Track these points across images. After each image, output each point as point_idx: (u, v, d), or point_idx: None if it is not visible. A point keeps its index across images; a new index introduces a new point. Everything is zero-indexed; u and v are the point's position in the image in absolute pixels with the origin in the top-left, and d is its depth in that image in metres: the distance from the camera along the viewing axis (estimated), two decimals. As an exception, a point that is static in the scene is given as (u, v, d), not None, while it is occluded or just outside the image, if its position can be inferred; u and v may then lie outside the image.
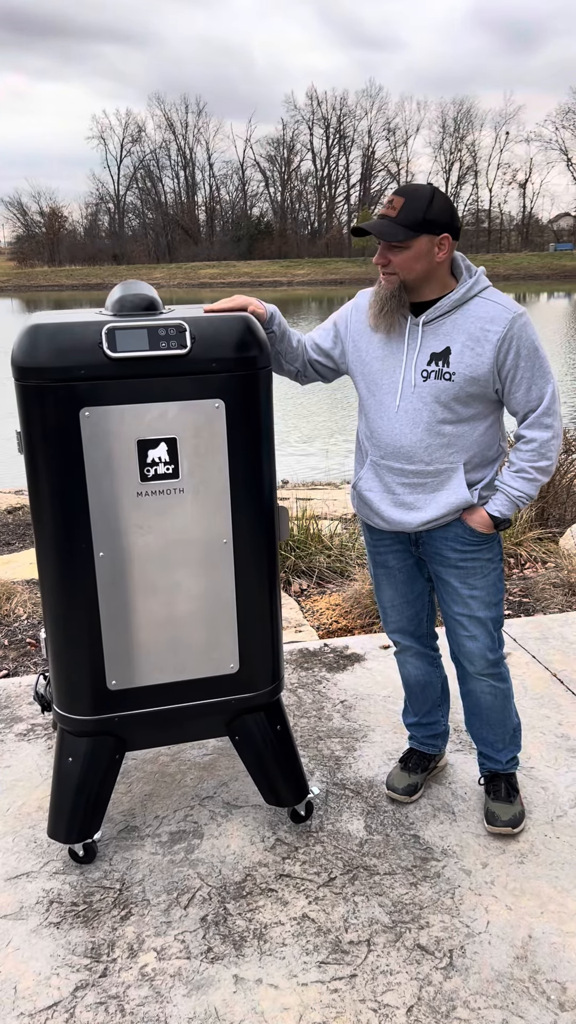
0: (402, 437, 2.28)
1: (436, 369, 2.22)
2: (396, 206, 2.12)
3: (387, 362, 2.30)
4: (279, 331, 2.38)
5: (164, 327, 2.10)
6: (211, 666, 2.34)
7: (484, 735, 2.57)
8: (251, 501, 2.27)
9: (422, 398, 2.24)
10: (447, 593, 2.44)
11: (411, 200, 2.12)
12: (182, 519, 2.22)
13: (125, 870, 2.40)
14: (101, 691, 2.29)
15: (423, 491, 2.32)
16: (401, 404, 2.27)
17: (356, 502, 2.49)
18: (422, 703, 2.71)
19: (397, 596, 2.56)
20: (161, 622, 2.28)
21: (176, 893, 2.31)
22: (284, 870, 2.39)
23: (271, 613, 2.37)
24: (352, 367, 2.40)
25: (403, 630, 2.61)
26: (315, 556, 4.74)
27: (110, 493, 2.16)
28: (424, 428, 2.26)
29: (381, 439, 2.32)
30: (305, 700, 3.29)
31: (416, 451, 2.28)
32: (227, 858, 2.44)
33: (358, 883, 2.34)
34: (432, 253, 2.16)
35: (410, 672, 2.68)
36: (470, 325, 2.20)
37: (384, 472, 2.35)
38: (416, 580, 2.53)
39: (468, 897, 2.28)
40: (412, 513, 2.34)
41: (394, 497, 2.36)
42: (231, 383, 2.17)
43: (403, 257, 2.15)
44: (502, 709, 2.52)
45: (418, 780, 2.69)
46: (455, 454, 2.28)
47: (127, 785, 2.78)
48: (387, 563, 2.52)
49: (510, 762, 2.59)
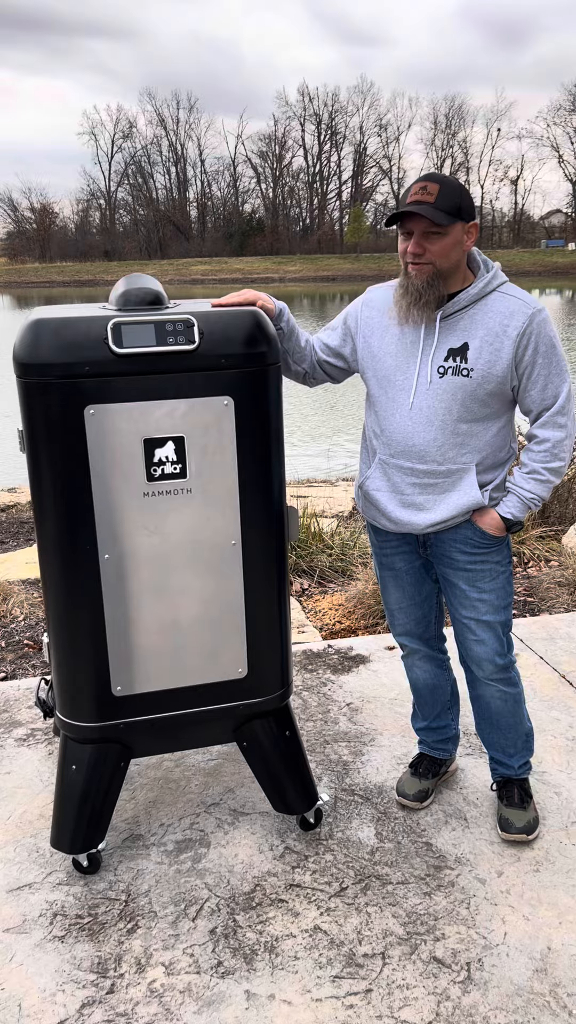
0: (415, 435, 2.21)
1: (454, 365, 2.16)
2: (433, 192, 2.04)
3: (401, 358, 2.23)
4: (287, 328, 2.32)
5: (172, 322, 2.03)
6: (219, 671, 2.28)
7: (495, 740, 2.51)
8: (260, 501, 2.20)
9: (438, 395, 2.18)
10: (455, 597, 2.38)
11: (446, 186, 2.06)
12: (190, 520, 2.15)
13: (130, 881, 2.34)
14: (106, 697, 2.22)
15: (433, 492, 2.26)
16: (416, 401, 2.20)
17: (361, 502, 2.41)
18: (431, 707, 2.64)
19: (404, 598, 2.49)
20: (168, 626, 2.21)
21: (184, 904, 2.25)
22: (294, 880, 2.33)
23: (280, 616, 2.31)
24: (363, 363, 2.33)
25: (410, 633, 2.55)
26: (317, 555, 4.68)
27: (115, 493, 2.09)
28: (439, 427, 2.19)
29: (392, 437, 2.26)
30: (310, 703, 3.23)
31: (429, 450, 2.21)
32: (235, 867, 2.38)
33: (370, 893, 2.28)
34: (463, 242, 2.11)
35: (418, 676, 2.62)
36: (489, 320, 2.14)
37: (393, 471, 2.29)
38: (424, 582, 2.47)
39: (484, 907, 2.22)
40: (421, 514, 2.28)
41: (403, 497, 2.29)
42: (240, 380, 2.10)
43: (441, 244, 2.08)
44: (513, 714, 2.46)
45: (429, 786, 2.63)
46: (468, 454, 2.22)
47: (131, 792, 2.71)
48: (394, 565, 2.46)
49: (523, 767, 2.53)
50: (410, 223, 2.09)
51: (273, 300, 2.26)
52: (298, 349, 2.37)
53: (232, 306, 2.16)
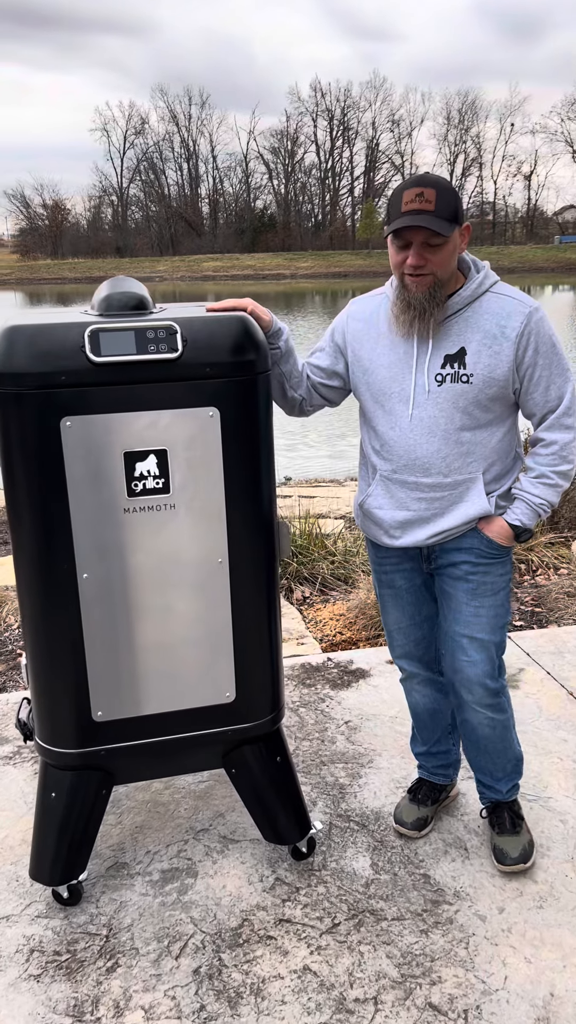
0: (417, 447, 2.11)
1: (452, 372, 2.05)
2: (431, 198, 1.92)
3: (396, 368, 2.12)
4: (285, 349, 2.20)
5: (153, 328, 1.92)
6: (205, 695, 2.17)
7: (482, 764, 2.39)
8: (249, 517, 2.09)
9: (438, 404, 2.07)
10: (451, 610, 2.25)
11: (442, 190, 1.93)
12: (173, 537, 2.04)
13: (113, 913, 2.23)
14: (86, 722, 2.11)
15: (440, 504, 2.15)
16: (415, 412, 2.09)
17: (362, 521, 2.30)
18: (431, 732, 2.52)
19: (404, 618, 2.37)
20: (151, 648, 2.10)
21: (167, 941, 2.14)
22: (284, 914, 2.21)
23: (270, 638, 2.19)
24: (355, 378, 2.22)
25: (410, 655, 2.42)
26: (318, 562, 4.56)
27: (94, 509, 1.97)
28: (441, 437, 2.09)
29: (393, 451, 2.14)
30: (307, 721, 3.11)
31: (433, 462, 2.11)
32: (223, 900, 2.26)
33: (364, 930, 2.16)
34: (459, 247, 2.02)
35: (417, 700, 2.49)
36: (485, 323, 2.04)
37: (397, 487, 2.17)
38: (424, 601, 2.35)
39: (483, 947, 2.10)
40: (425, 528, 2.17)
41: (407, 513, 2.18)
42: (226, 390, 1.98)
43: (443, 253, 1.98)
44: (502, 739, 2.33)
45: (428, 813, 2.50)
46: (474, 463, 2.11)
47: (117, 816, 2.60)
48: (393, 583, 2.34)
49: (511, 790, 2.42)
50: (407, 234, 1.97)
51: (271, 315, 2.16)
52: (295, 373, 2.25)
53: (222, 312, 2.04)
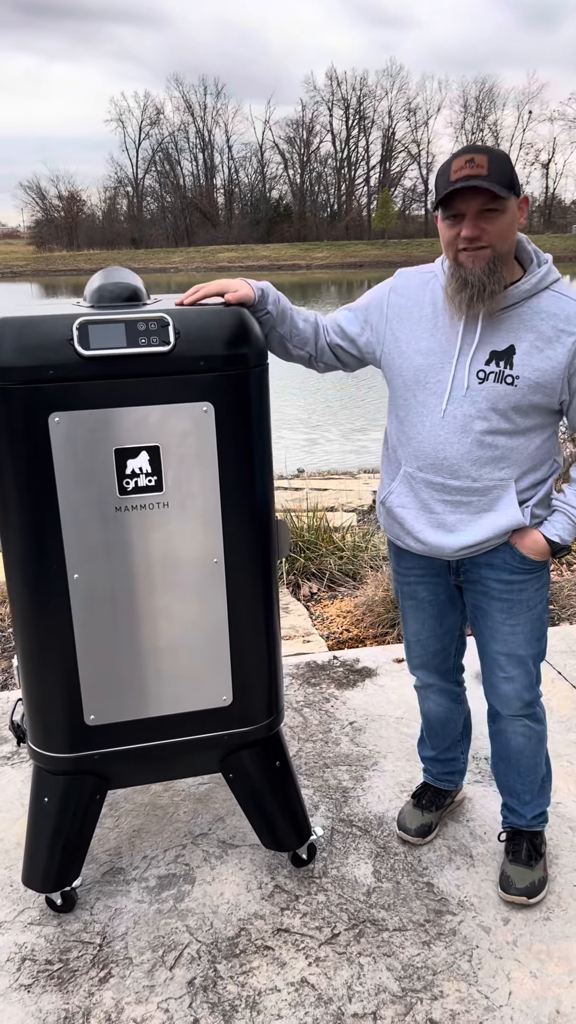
0: (446, 447, 1.94)
1: (496, 371, 1.88)
2: (482, 164, 1.73)
3: (434, 357, 1.94)
4: (276, 311, 2.04)
5: (144, 321, 1.85)
6: (201, 699, 2.10)
7: (511, 784, 2.27)
8: (245, 516, 2.02)
9: (475, 403, 1.90)
10: (486, 627, 2.12)
11: (495, 157, 1.75)
12: (167, 537, 1.98)
13: (107, 921, 2.18)
14: (78, 726, 2.05)
15: (467, 511, 1.98)
16: (449, 409, 1.92)
17: (385, 519, 2.15)
18: (441, 739, 2.43)
19: (424, 631, 2.24)
20: (144, 651, 2.04)
21: (162, 950, 2.08)
22: (283, 923, 2.15)
23: (268, 640, 2.12)
24: (387, 359, 2.03)
25: (427, 666, 2.31)
26: (326, 557, 4.48)
27: (84, 508, 1.91)
28: (474, 439, 1.92)
29: (420, 448, 1.99)
30: (311, 721, 3.05)
31: (462, 465, 1.94)
32: (220, 908, 2.21)
33: (364, 941, 2.10)
34: (517, 220, 1.83)
35: (431, 708, 2.39)
36: (540, 322, 1.87)
37: (421, 487, 2.01)
38: (447, 614, 2.21)
39: (488, 961, 2.03)
40: (451, 536, 2.01)
41: (432, 516, 2.02)
42: (221, 384, 1.91)
43: (501, 223, 1.79)
44: (534, 753, 2.22)
45: (432, 819, 2.42)
46: (506, 469, 1.94)
47: (115, 819, 2.55)
48: (416, 594, 2.20)
49: (536, 818, 2.29)
50: (460, 203, 1.77)
51: (251, 283, 2.00)
52: (296, 332, 2.09)
53: (204, 300, 1.97)
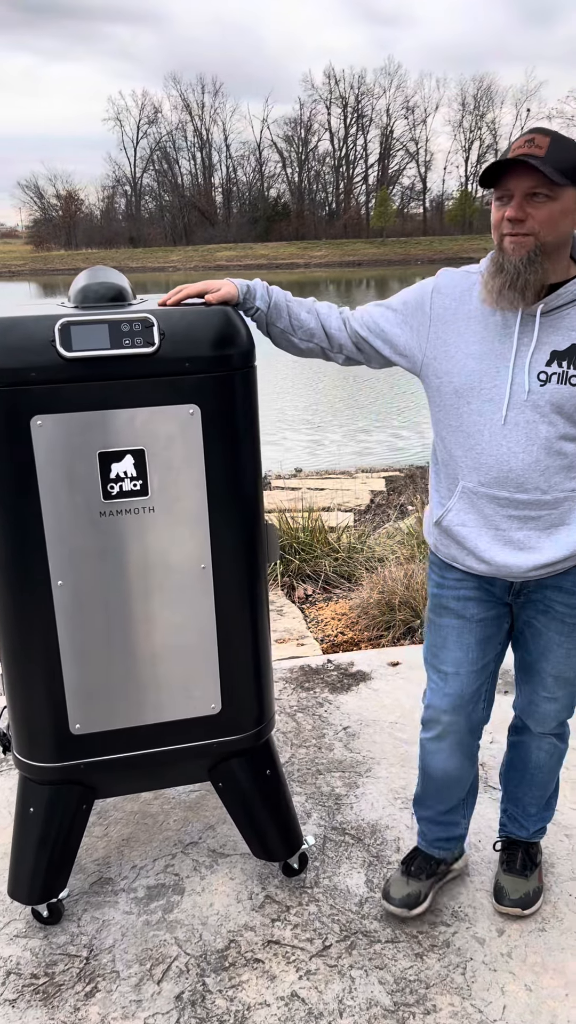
0: (512, 458, 1.77)
1: (560, 371, 1.73)
2: (541, 145, 1.60)
3: (488, 360, 1.78)
4: (268, 307, 1.94)
5: (127, 321, 1.81)
6: (189, 707, 2.06)
7: (519, 795, 2.19)
8: (233, 520, 1.98)
9: (538, 408, 1.75)
10: (536, 646, 1.96)
11: (559, 140, 1.62)
12: (153, 542, 1.93)
13: (95, 933, 2.14)
14: (64, 735, 2.01)
15: (536, 526, 1.82)
16: (510, 416, 1.76)
17: (440, 540, 1.94)
18: (443, 801, 2.14)
19: (465, 660, 1.97)
20: (131, 659, 1.99)
21: (150, 963, 2.04)
22: (273, 935, 2.11)
23: (256, 646, 2.08)
24: (433, 364, 1.85)
25: (458, 708, 2.00)
26: (321, 559, 4.44)
27: (68, 513, 1.87)
28: (541, 446, 1.76)
29: (482, 460, 1.81)
30: (304, 726, 3.01)
31: (530, 476, 1.78)
32: (209, 919, 2.17)
33: (356, 953, 2.06)
34: (574, 214, 1.68)
35: (438, 765, 2.09)
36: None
37: (485, 503, 1.83)
38: (493, 639, 1.98)
39: (482, 973, 1.99)
40: (522, 554, 1.83)
41: (498, 533, 1.84)
42: (207, 386, 1.87)
43: (549, 210, 1.63)
44: (551, 771, 2.15)
45: (421, 888, 2.14)
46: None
47: (104, 828, 2.51)
48: (465, 611, 1.94)
49: (536, 832, 2.23)
50: (509, 182, 1.64)
51: (236, 282, 1.93)
52: (300, 325, 1.96)
53: (187, 300, 1.92)
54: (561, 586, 1.89)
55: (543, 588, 1.90)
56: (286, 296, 1.99)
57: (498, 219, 1.70)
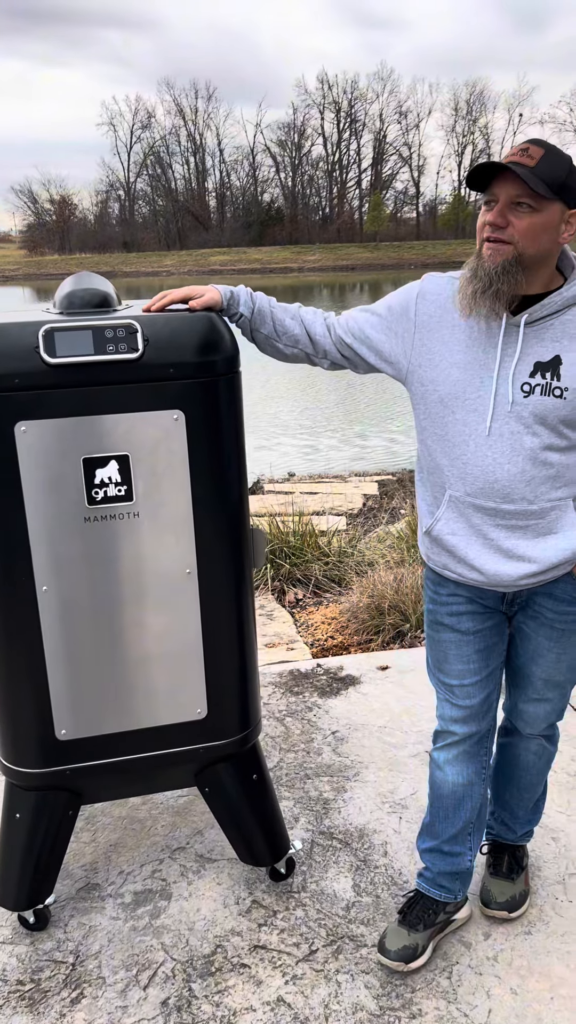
0: (497, 469, 1.77)
1: (543, 383, 1.73)
2: (534, 156, 1.61)
3: (472, 370, 1.77)
4: (252, 313, 1.94)
5: (111, 327, 1.81)
6: (175, 712, 2.06)
7: (507, 798, 2.20)
8: (218, 525, 1.98)
9: (522, 419, 1.74)
10: (526, 650, 1.97)
11: (552, 154, 1.62)
12: (137, 547, 1.94)
13: (81, 939, 2.13)
14: (49, 741, 2.01)
15: (525, 535, 1.81)
16: (494, 427, 1.76)
17: (431, 549, 1.93)
18: (451, 823, 2.06)
19: (468, 672, 1.96)
20: (116, 664, 2.00)
21: (136, 969, 2.04)
22: (260, 940, 2.11)
23: (242, 651, 2.09)
24: (417, 372, 1.84)
25: (469, 719, 1.99)
26: (311, 563, 4.45)
27: (53, 519, 1.87)
28: (526, 457, 1.75)
29: (468, 471, 1.80)
30: (293, 731, 3.01)
31: (516, 486, 1.77)
32: (196, 924, 2.17)
33: (342, 957, 2.06)
34: (559, 230, 1.66)
35: (447, 778, 2.04)
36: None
37: (472, 512, 1.83)
38: (494, 648, 1.97)
39: (467, 977, 1.99)
40: (511, 563, 1.82)
41: (488, 542, 1.83)
42: (192, 391, 1.88)
43: (530, 222, 1.63)
44: (540, 773, 2.16)
45: (419, 940, 2.02)
46: (563, 488, 1.79)
47: (91, 833, 2.51)
48: (460, 625, 1.94)
49: (524, 835, 2.24)
50: (496, 187, 1.64)
51: (220, 288, 1.93)
52: (284, 331, 1.95)
53: (171, 305, 1.93)
54: (552, 593, 1.89)
55: (534, 595, 1.91)
56: (270, 302, 1.99)
57: (482, 223, 1.70)
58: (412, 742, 2.91)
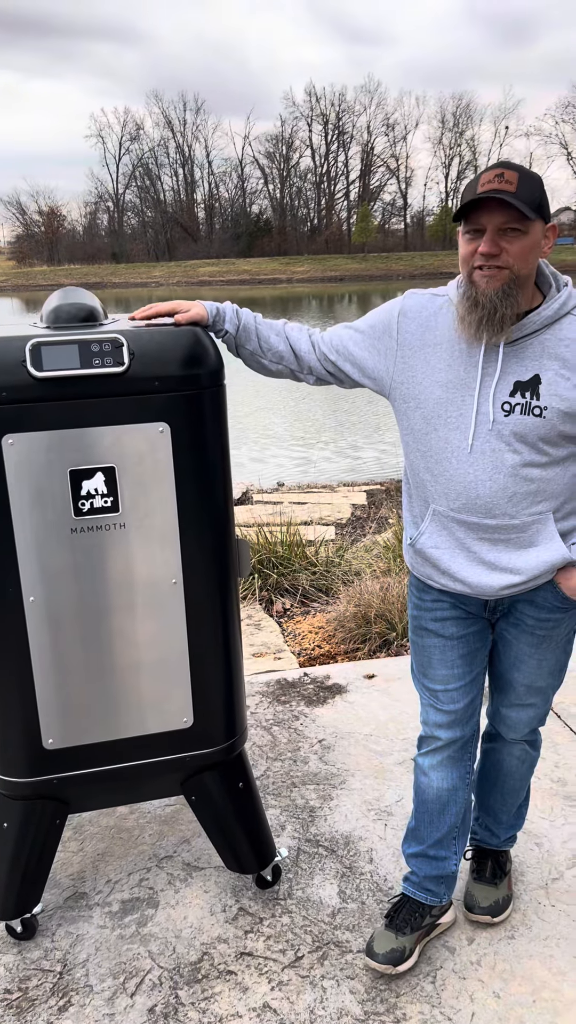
0: (479, 485, 1.80)
1: (523, 402, 1.75)
2: (511, 180, 1.63)
3: (453, 389, 1.80)
4: (237, 330, 1.98)
5: (98, 342, 1.84)
6: (162, 721, 2.09)
7: (491, 804, 2.22)
8: (204, 536, 2.01)
9: (502, 437, 1.77)
10: (508, 656, 2.01)
11: (526, 176, 1.65)
12: (124, 558, 1.96)
13: (69, 948, 2.15)
14: (37, 751, 2.03)
15: (508, 548, 1.85)
16: (476, 444, 1.78)
17: (415, 561, 1.97)
18: (434, 828, 2.09)
19: (452, 676, 1.99)
20: (103, 674, 2.02)
21: (123, 977, 2.05)
22: (246, 947, 2.13)
23: (228, 660, 2.11)
24: (401, 390, 1.88)
25: (454, 723, 2.02)
26: (299, 573, 4.48)
27: (40, 530, 1.90)
28: (507, 474, 1.78)
29: (451, 487, 1.83)
30: (280, 740, 3.03)
31: (497, 502, 1.80)
32: (183, 932, 2.18)
33: (328, 963, 2.08)
34: (541, 247, 1.71)
35: (431, 783, 2.08)
36: (564, 349, 1.75)
37: (456, 526, 1.86)
38: (478, 653, 2.00)
39: (451, 981, 2.02)
40: (495, 575, 1.86)
41: (471, 555, 1.87)
42: (177, 404, 1.91)
43: (522, 244, 1.66)
44: (523, 778, 2.18)
45: (407, 944, 2.04)
46: (544, 503, 1.82)
47: (79, 842, 2.52)
48: (444, 631, 1.97)
49: (507, 840, 2.26)
50: (482, 217, 1.67)
51: (206, 304, 1.96)
52: (269, 348, 1.99)
53: (156, 318, 1.96)
54: (533, 600, 1.92)
55: (516, 603, 1.94)
56: (256, 318, 2.02)
57: (469, 252, 1.72)
58: (398, 750, 2.94)
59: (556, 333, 1.75)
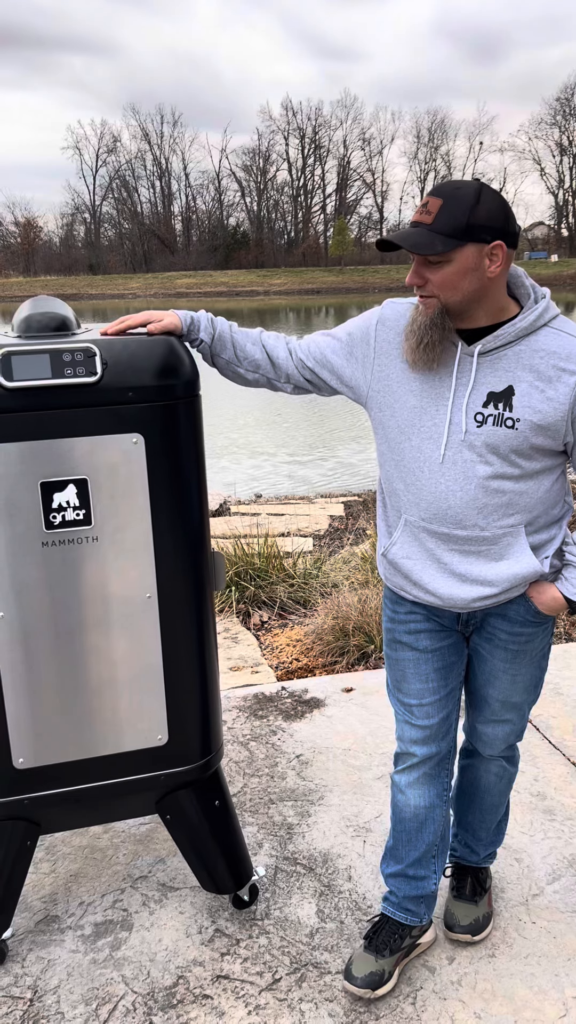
0: (449, 496, 1.78)
1: (495, 413, 1.74)
2: (432, 210, 1.64)
3: (427, 398, 1.79)
4: (212, 339, 1.95)
5: (69, 351, 1.81)
6: (136, 739, 2.04)
7: (469, 821, 2.19)
8: (178, 549, 1.97)
9: (475, 448, 1.75)
10: (482, 672, 1.98)
11: (450, 201, 1.63)
12: (96, 572, 1.92)
13: (39, 973, 2.09)
14: (6, 770, 1.98)
15: (479, 560, 1.82)
16: (447, 455, 1.77)
17: (388, 571, 1.95)
18: (413, 847, 2.05)
19: (427, 690, 1.96)
20: (75, 691, 1.97)
21: (95, 1003, 2.00)
22: (222, 970, 2.08)
23: (203, 676, 2.07)
24: (377, 398, 1.87)
25: (429, 739, 1.99)
26: (276, 585, 4.44)
27: (9, 543, 1.85)
28: (478, 485, 1.77)
29: (421, 497, 1.82)
30: (257, 755, 2.99)
31: (468, 513, 1.79)
32: (157, 955, 2.13)
33: (306, 985, 2.03)
34: (482, 267, 1.66)
35: (408, 801, 2.04)
36: (539, 361, 1.73)
37: (427, 537, 1.84)
38: (453, 667, 1.98)
39: (432, 1002, 1.98)
40: (466, 586, 1.84)
41: (442, 566, 1.85)
42: (151, 415, 1.87)
43: (444, 274, 1.66)
44: (501, 794, 2.16)
45: (386, 967, 2.00)
46: (515, 515, 1.80)
47: (51, 863, 2.46)
48: (418, 644, 1.95)
49: (487, 857, 2.23)
50: (405, 249, 1.68)
51: (180, 313, 1.93)
52: (245, 356, 1.97)
53: (130, 329, 1.93)
54: (505, 615, 1.90)
55: (488, 616, 1.92)
56: (231, 327, 2.00)
57: (408, 280, 1.75)
58: (376, 764, 2.91)
59: (531, 344, 1.74)
